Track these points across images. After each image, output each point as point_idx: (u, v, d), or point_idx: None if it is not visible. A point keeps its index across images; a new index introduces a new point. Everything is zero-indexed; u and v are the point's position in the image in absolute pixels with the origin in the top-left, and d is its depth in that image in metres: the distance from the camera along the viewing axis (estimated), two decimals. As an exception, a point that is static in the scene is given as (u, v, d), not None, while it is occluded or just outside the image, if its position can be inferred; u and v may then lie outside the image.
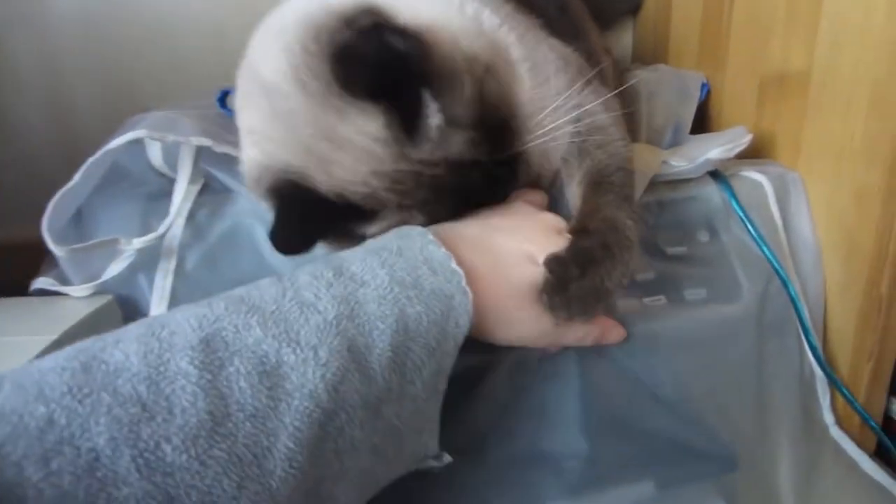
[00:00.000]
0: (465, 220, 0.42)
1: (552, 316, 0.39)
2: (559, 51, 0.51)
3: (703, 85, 0.73)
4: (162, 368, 0.28)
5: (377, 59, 0.36)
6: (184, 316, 0.31)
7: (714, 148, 0.57)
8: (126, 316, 0.54)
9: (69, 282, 0.53)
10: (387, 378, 0.33)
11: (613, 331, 0.47)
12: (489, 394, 0.50)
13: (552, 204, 0.49)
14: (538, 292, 0.39)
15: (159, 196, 0.56)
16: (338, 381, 0.31)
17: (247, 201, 0.56)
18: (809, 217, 0.60)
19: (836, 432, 0.60)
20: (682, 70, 0.78)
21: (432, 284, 0.35)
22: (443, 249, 0.37)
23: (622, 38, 0.98)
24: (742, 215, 0.59)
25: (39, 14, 0.83)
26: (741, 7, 0.70)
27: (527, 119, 0.44)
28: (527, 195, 0.46)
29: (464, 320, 0.36)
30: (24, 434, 0.26)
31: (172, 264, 0.53)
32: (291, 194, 0.40)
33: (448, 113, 0.38)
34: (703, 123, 0.75)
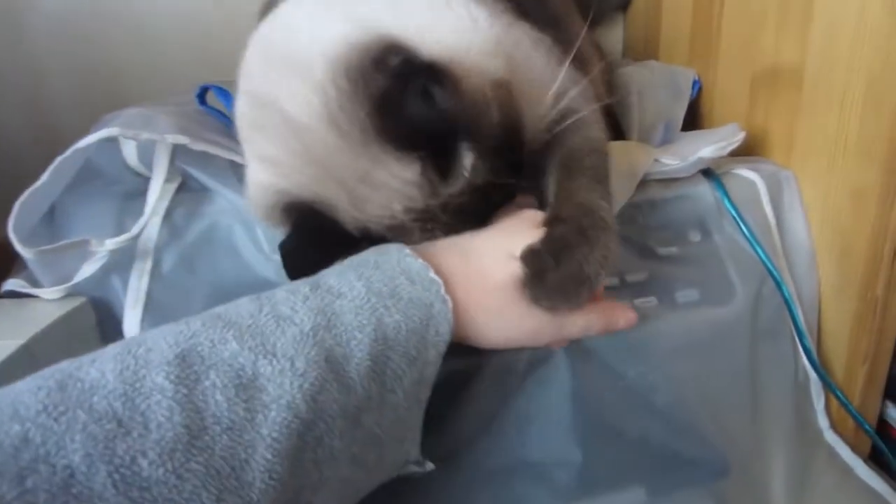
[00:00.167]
0: None
1: (537, 308, 0.38)
2: (531, 35, 0.50)
3: (695, 81, 0.73)
4: (137, 385, 0.29)
5: (418, 114, 0.37)
6: (161, 333, 0.32)
7: (706, 146, 0.57)
8: (100, 319, 0.53)
9: (40, 284, 0.51)
10: (366, 387, 0.33)
11: (620, 315, 0.43)
12: (474, 400, 0.49)
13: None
14: (520, 286, 0.38)
15: (135, 195, 0.54)
16: (316, 392, 0.31)
17: (225, 200, 0.54)
18: (803, 217, 0.60)
19: (831, 436, 0.59)
20: (674, 66, 0.77)
21: (410, 294, 0.35)
22: (420, 261, 0.37)
23: (612, 35, 0.97)
24: (735, 215, 0.57)
25: (18, 11, 0.82)
26: (733, 1, 0.68)
27: (528, 121, 0.44)
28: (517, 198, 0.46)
29: (444, 328, 0.36)
30: None
31: (148, 265, 0.52)
32: (314, 223, 0.41)
33: (478, 149, 0.39)
34: (695, 120, 0.74)
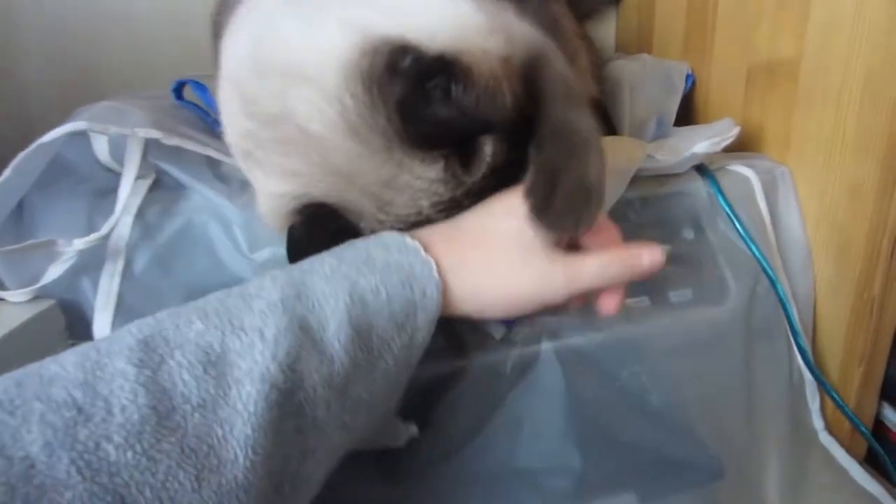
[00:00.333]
0: None
1: (548, 235, 0.36)
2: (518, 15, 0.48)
3: (688, 75, 0.71)
4: (98, 373, 0.28)
5: (439, 115, 0.36)
6: (125, 327, 0.31)
7: (700, 141, 0.55)
8: (70, 322, 0.50)
9: (5, 286, 0.49)
10: (352, 355, 0.32)
11: (643, 255, 0.38)
12: (460, 406, 0.48)
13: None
14: (528, 219, 0.36)
15: (107, 193, 0.52)
16: (292, 361, 0.30)
17: (201, 197, 0.52)
18: (799, 213, 0.58)
19: (826, 438, 0.58)
20: (667, 60, 0.75)
21: (386, 258, 0.35)
22: (395, 233, 0.37)
23: (605, 29, 0.95)
24: (729, 212, 0.56)
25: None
26: (728, -7, 0.67)
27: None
28: None
29: (431, 289, 0.35)
30: None
31: (119, 266, 0.49)
32: (328, 216, 0.40)
33: (497, 134, 0.39)
34: (689, 115, 0.73)
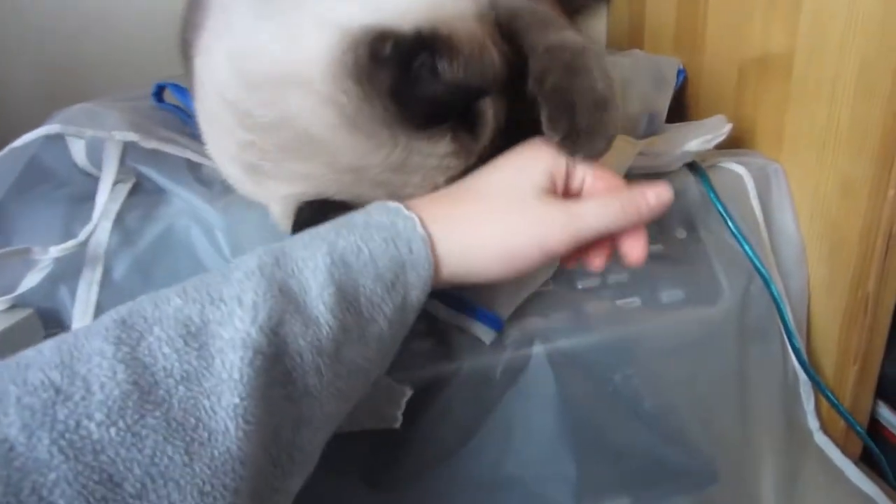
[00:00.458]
0: None
1: (587, 161, 0.37)
2: None
3: (680, 71, 0.70)
4: (76, 353, 0.27)
5: (433, 92, 0.36)
6: (104, 314, 0.30)
7: (692, 138, 0.54)
8: (49, 331, 0.49)
9: (-21, 295, 0.47)
10: (340, 318, 0.31)
11: (648, 193, 0.37)
12: (448, 412, 0.47)
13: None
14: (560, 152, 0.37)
15: (85, 198, 0.50)
16: (275, 325, 0.30)
17: (182, 202, 0.51)
18: (792, 211, 0.57)
19: (821, 438, 0.57)
20: (658, 56, 0.74)
21: (366, 219, 0.35)
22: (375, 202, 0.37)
23: (596, 25, 0.94)
24: (721, 210, 0.55)
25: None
26: (719, -13, 0.66)
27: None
28: None
29: (417, 244, 0.34)
30: None
31: (98, 273, 0.48)
32: (338, 205, 0.40)
33: (494, 95, 0.39)
34: (680, 111, 0.72)
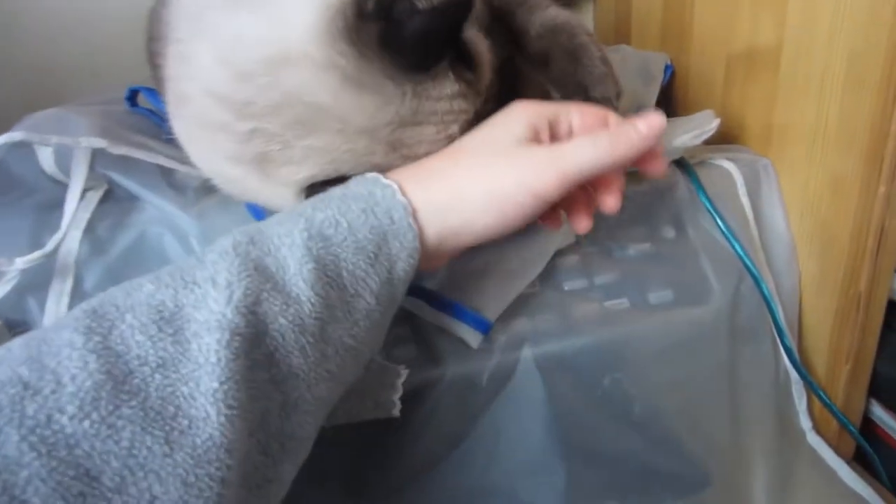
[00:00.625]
0: None
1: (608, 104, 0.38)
2: None
3: (667, 66, 0.69)
4: (45, 347, 0.26)
5: (420, 30, 0.35)
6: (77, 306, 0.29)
7: (680, 135, 0.53)
8: (18, 344, 0.47)
9: (-54, 309, 0.46)
10: (322, 295, 0.30)
11: (638, 123, 0.36)
12: (436, 417, 0.45)
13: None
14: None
15: (54, 206, 0.49)
16: (252, 303, 0.28)
17: (154, 209, 0.49)
18: (782, 208, 0.56)
19: (813, 438, 0.56)
20: (645, 51, 0.73)
21: (342, 192, 0.34)
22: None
23: (582, 20, 0.93)
24: (710, 208, 0.54)
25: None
26: (705, -20, 0.64)
27: None
28: None
29: (398, 212, 0.33)
30: None
31: (68, 285, 0.46)
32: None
33: (485, 30, 0.38)
34: (668, 106, 0.71)
